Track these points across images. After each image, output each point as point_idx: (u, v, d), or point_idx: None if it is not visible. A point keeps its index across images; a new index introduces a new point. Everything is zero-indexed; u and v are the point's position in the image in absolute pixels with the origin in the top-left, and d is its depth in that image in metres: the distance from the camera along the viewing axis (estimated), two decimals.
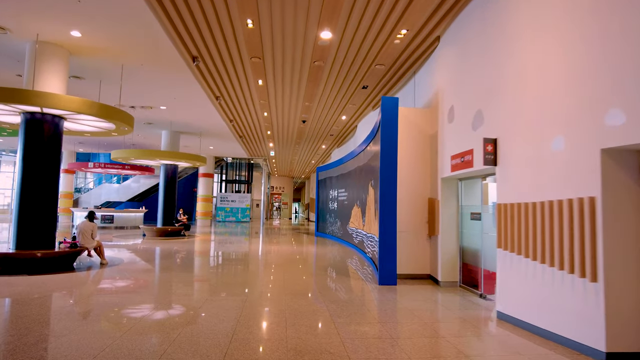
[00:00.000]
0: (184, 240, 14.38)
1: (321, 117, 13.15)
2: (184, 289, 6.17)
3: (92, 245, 8.08)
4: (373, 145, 9.58)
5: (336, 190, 15.87)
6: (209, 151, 21.86)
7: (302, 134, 16.36)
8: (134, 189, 25.11)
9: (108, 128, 8.86)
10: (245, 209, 29.49)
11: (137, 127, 15.56)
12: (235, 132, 16.27)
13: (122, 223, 19.98)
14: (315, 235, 18.21)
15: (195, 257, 10.33)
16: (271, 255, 10.79)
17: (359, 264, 9.33)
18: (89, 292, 5.93)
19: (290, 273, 7.87)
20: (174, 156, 14.66)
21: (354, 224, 12.53)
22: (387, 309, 5.35)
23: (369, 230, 9.87)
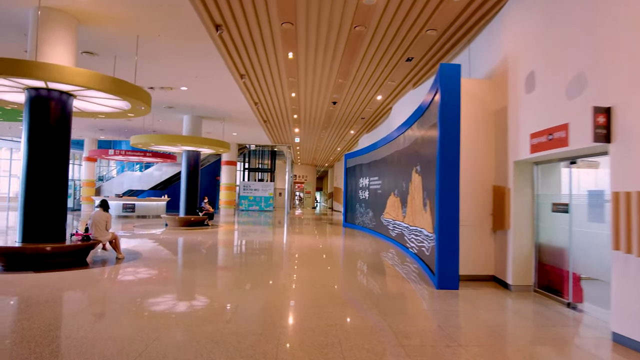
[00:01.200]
0: (207, 230, 13.57)
1: (354, 98, 11.97)
2: (209, 291, 5.22)
3: (106, 237, 7.24)
4: (419, 126, 8.40)
5: (367, 179, 14.74)
6: (232, 138, 21.01)
7: (330, 118, 15.22)
8: (156, 177, 24.59)
9: (123, 108, 7.95)
10: (269, 197, 28.72)
11: (157, 112, 14.74)
12: (260, 116, 15.27)
13: (144, 212, 19.42)
14: (344, 226, 17.18)
15: (220, 252, 9.43)
16: (302, 249, 9.81)
17: (401, 261, 8.24)
18: (106, 293, 5.04)
19: (329, 273, 6.85)
20: (196, 141, 13.79)
21: (391, 215, 11.42)
22: (461, 324, 4.25)
23: (413, 223, 8.74)
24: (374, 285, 5.93)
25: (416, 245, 8.29)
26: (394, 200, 11.04)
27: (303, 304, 4.78)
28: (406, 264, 7.85)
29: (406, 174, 9.61)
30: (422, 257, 7.56)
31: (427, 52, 8.42)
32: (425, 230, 7.36)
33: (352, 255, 9.15)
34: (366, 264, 7.96)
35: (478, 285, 6.06)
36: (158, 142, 13.51)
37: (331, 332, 3.75)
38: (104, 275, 6.05)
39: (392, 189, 11.33)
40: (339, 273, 6.87)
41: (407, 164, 9.59)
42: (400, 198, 10.33)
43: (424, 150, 7.82)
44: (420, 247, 7.80)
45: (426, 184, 7.49)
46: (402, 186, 10.17)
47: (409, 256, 8.81)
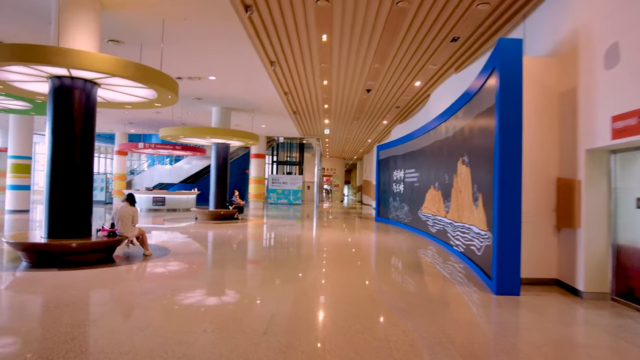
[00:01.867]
0: (237, 224, 13.23)
1: (390, 84, 11.24)
2: (240, 294, 4.73)
3: (133, 233, 6.90)
4: (466, 113, 7.64)
5: (402, 171, 14.01)
6: (260, 130, 20.64)
7: (363, 107, 14.52)
8: (186, 171, 24.58)
9: (149, 97, 7.57)
10: (297, 191, 28.35)
11: (186, 104, 14.47)
12: (290, 107, 14.75)
13: (174, 205, 19.37)
14: (376, 220, 16.52)
15: (252, 249, 9.00)
16: (335, 246, 9.25)
17: (444, 260, 7.54)
18: (131, 295, 4.64)
19: (367, 273, 6.26)
20: (226, 133, 13.42)
21: (430, 210, 10.69)
22: (539, 342, 3.57)
23: (458, 219, 8.01)
24: (421, 290, 5.30)
25: (463, 244, 7.58)
26: (434, 194, 10.30)
27: (345, 310, 4.22)
28: (451, 264, 7.16)
29: (449, 165, 8.87)
30: (471, 257, 6.85)
31: (475, 30, 7.61)
32: (476, 228, 6.64)
33: (389, 253, 8.53)
34: (406, 263, 7.32)
35: (540, 291, 5.33)
36: (187, 134, 13.23)
37: (384, 351, 3.17)
38: (130, 274, 5.68)
39: (432, 182, 10.59)
40: (378, 274, 6.27)
41: (450, 155, 8.84)
42: (442, 192, 9.59)
43: (473, 139, 7.08)
44: (469, 245, 7.09)
45: (477, 177, 6.76)
46: (444, 179, 9.43)
47: (454, 255, 8.10)
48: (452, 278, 6.05)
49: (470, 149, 7.26)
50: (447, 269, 6.76)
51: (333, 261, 7.22)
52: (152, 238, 9.57)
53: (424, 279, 6.00)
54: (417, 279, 5.98)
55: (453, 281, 5.85)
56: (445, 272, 6.50)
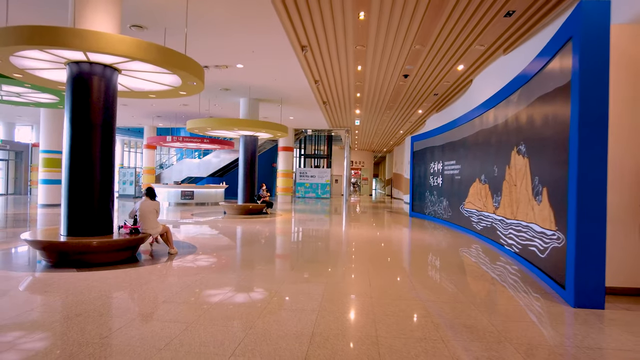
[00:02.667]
0: (266, 219, 12.73)
1: (430, 68, 10.37)
2: (276, 308, 4.13)
3: (157, 230, 6.43)
4: (523, 97, 6.76)
5: (440, 163, 13.11)
6: (288, 123, 20.08)
7: (398, 95, 13.67)
8: (215, 164, 24.39)
9: (173, 84, 7.06)
10: (325, 184, 27.76)
11: (213, 96, 14.04)
12: (320, 97, 14.08)
13: (202, 199, 19.14)
14: (410, 215, 15.69)
15: (284, 247, 8.42)
16: (372, 245, 8.56)
17: (495, 261, 6.71)
18: (157, 300, 4.12)
19: (413, 278, 5.54)
20: (254, 125, 12.90)
21: (475, 205, 9.81)
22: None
23: (512, 216, 7.15)
24: (479, 299, 4.54)
25: (518, 244, 6.73)
26: (480, 188, 9.42)
27: (398, 328, 3.53)
28: (503, 266, 6.34)
29: (500, 156, 7.98)
30: (531, 259, 6.01)
31: (534, 1, 6.68)
32: (537, 226, 5.79)
33: (431, 253, 7.76)
34: (453, 265, 6.55)
35: (629, 303, 4.47)
36: (214, 126, 12.79)
37: None
38: (152, 276, 5.18)
39: (477, 175, 9.70)
40: (425, 279, 5.54)
41: (501, 145, 7.95)
42: (490, 185, 8.71)
43: (532, 126, 6.21)
44: (527, 246, 6.25)
45: (538, 168, 5.90)
46: (492, 171, 8.54)
47: (505, 255, 7.26)
48: (511, 284, 5.25)
49: (529, 136, 6.39)
50: (501, 272, 5.95)
51: (372, 264, 6.53)
52: (180, 233, 9.16)
53: (479, 285, 5.23)
54: (471, 285, 5.21)
55: (514, 288, 5.05)
56: (499, 276, 5.69)
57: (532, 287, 5.09)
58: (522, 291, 4.93)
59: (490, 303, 4.42)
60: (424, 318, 3.80)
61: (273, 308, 3.96)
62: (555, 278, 4.97)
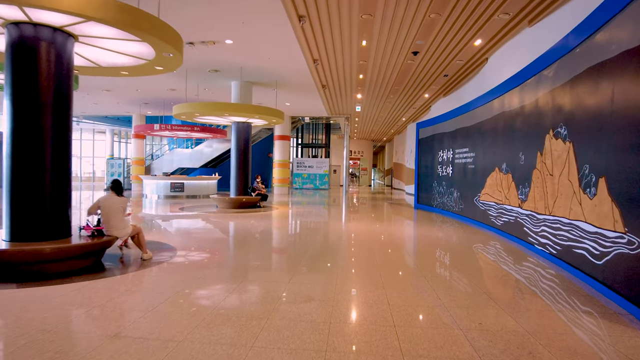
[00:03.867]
0: (261, 213, 11.66)
1: (443, 43, 9.20)
2: (279, 337, 3.07)
3: (125, 232, 5.33)
4: (563, 70, 5.68)
5: (450, 151, 12.04)
6: (285, 109, 18.89)
7: (404, 76, 12.50)
8: (207, 154, 23.20)
9: (145, 55, 5.90)
10: (324, 175, 26.71)
11: (202, 78, 12.85)
12: (318, 79, 12.91)
13: (193, 192, 18.04)
14: (416, 208, 14.67)
15: (282, 247, 7.36)
16: (384, 243, 7.51)
17: (521, 262, 5.67)
18: (122, 327, 3.05)
19: (447, 289, 4.48)
20: (246, 110, 11.73)
21: (493, 197, 8.77)
22: None
23: (547, 210, 6.10)
24: (537, 326, 3.49)
25: (556, 244, 5.69)
26: (500, 178, 8.36)
27: (422, 352, 2.49)
28: (533, 269, 5.29)
29: (529, 141, 6.91)
30: (579, 265, 4.97)
31: None
32: (589, 225, 4.74)
33: (449, 254, 6.71)
34: (480, 270, 5.51)
35: None
36: (202, 111, 11.62)
37: None
38: (117, 293, 4.09)
39: (496, 163, 8.64)
40: (452, 291, 4.49)
41: (530, 128, 6.88)
42: (514, 175, 7.65)
43: (579, 103, 5.13)
44: (571, 248, 5.20)
45: (587, 154, 4.83)
46: (516, 159, 7.48)
47: (537, 256, 6.23)
48: (555, 296, 4.21)
49: (572, 117, 5.32)
50: (535, 278, 4.90)
51: (386, 271, 5.48)
52: (162, 231, 8.07)
53: (523, 300, 4.18)
54: (513, 301, 4.16)
55: (561, 303, 4.00)
56: (535, 283, 4.65)
57: (590, 304, 4.03)
58: (577, 309, 3.87)
59: (551, 331, 3.36)
60: (456, 345, 2.75)
61: (260, 348, 2.89)
62: (623, 292, 3.93)
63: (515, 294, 4.33)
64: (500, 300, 4.08)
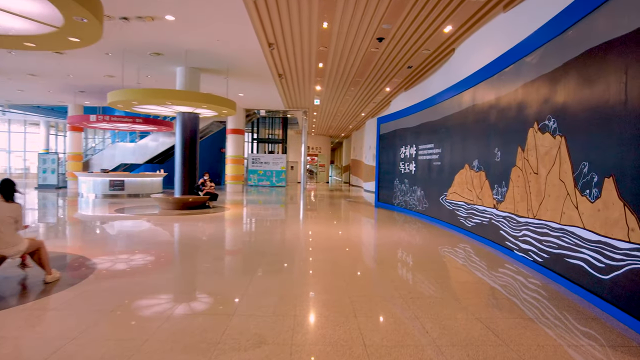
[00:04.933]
0: (210, 214, 10.45)
1: (411, 28, 8.44)
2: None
3: (15, 249, 4.06)
4: (551, 55, 5.04)
5: (413, 147, 11.42)
6: (238, 100, 17.60)
7: (367, 66, 11.69)
8: (153, 149, 21.36)
9: (50, 20, 4.61)
10: (281, 171, 25.65)
11: (143, 63, 11.38)
12: (274, 67, 11.84)
13: (136, 190, 16.37)
14: (376, 206, 14.01)
15: (229, 261, 6.27)
16: (348, 251, 6.63)
17: (496, 268, 5.01)
18: None
19: (429, 311, 3.65)
20: (191, 98, 10.44)
21: (463, 197, 8.16)
22: None
23: (531, 213, 5.47)
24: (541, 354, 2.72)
25: (540, 250, 5.05)
26: (472, 176, 7.75)
27: None
28: (513, 277, 4.63)
29: (507, 136, 6.28)
30: (572, 276, 4.33)
31: None
32: (589, 232, 4.09)
33: (422, 262, 5.95)
34: (460, 284, 4.76)
35: None
36: (141, 99, 10.21)
37: None
38: (7, 335, 2.90)
39: (466, 160, 8.02)
40: (434, 314, 3.67)
41: (509, 122, 6.25)
42: (488, 173, 7.03)
43: (574, 91, 4.48)
44: (563, 257, 4.56)
45: (586, 150, 4.19)
46: (491, 156, 6.86)
47: (516, 263, 5.60)
48: (567, 330, 3.50)
49: (564, 107, 4.67)
50: (520, 290, 4.21)
51: (355, 290, 4.59)
52: (86, 239, 6.71)
53: (516, 324, 3.42)
54: (502, 323, 3.40)
55: (568, 327, 3.29)
56: (523, 300, 3.95)
57: (593, 323, 3.34)
58: (587, 334, 3.16)
59: None
60: None
61: None
62: (635, 313, 3.27)
63: (515, 321, 3.57)
64: (501, 331, 3.28)
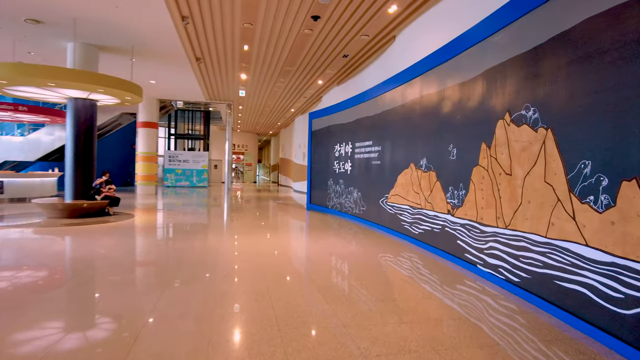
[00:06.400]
0: (110, 224, 8.46)
1: (349, 9, 7.33)
2: None
3: None
4: (534, 23, 4.15)
5: (350, 145, 10.41)
6: (149, 88, 15.36)
7: (299, 52, 10.39)
8: (47, 145, 18.16)
9: None
10: (202, 170, 23.55)
11: (20, 33, 8.97)
12: (190, 48, 10.09)
13: (20, 193, 13.48)
14: (308, 209, 12.85)
15: (130, 296, 4.56)
16: (284, 268, 5.27)
17: (455, 285, 4.07)
18: None
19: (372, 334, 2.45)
20: (81, 78, 8.32)
21: (407, 200, 7.23)
22: None
23: (501, 222, 4.58)
24: None
25: (516, 267, 4.15)
26: (419, 177, 6.82)
27: None
28: (475, 296, 3.69)
29: (466, 130, 5.38)
30: (567, 304, 3.44)
31: None
32: (593, 250, 3.20)
33: (371, 280, 4.80)
34: (420, 314, 3.68)
35: None
36: (11, 76, 7.91)
37: None
38: None
39: (411, 159, 7.10)
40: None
41: (469, 113, 5.35)
42: (440, 173, 6.12)
43: (570, 75, 3.59)
44: (550, 278, 3.66)
45: (587, 146, 3.30)
46: (445, 154, 5.95)
47: (477, 278, 4.69)
48: (544, 354, 2.52)
49: (552, 94, 3.78)
50: (487, 314, 3.24)
51: (285, 330, 3.28)
52: None
53: None
54: None
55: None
56: (492, 327, 2.96)
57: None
58: None
59: None
60: None
61: None
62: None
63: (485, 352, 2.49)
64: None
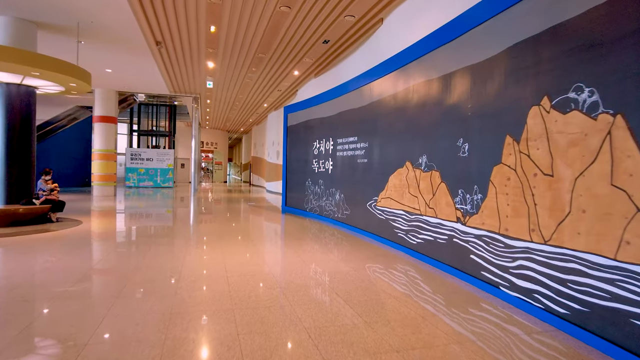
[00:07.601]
0: (52, 233, 7.05)
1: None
2: None
3: None
4: None
5: (330, 142, 9.39)
6: (106, 79, 13.79)
7: (274, 36, 9.22)
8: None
9: None
10: (167, 170, 21.99)
11: None
12: (149, 28, 8.76)
13: None
14: (283, 212, 11.75)
15: (71, 330, 3.28)
16: (269, 283, 4.13)
17: (474, 309, 3.12)
18: None
19: None
20: (12, 57, 6.89)
21: (401, 204, 6.25)
22: None
23: (537, 236, 3.64)
24: None
25: (561, 296, 3.21)
26: (417, 177, 5.84)
27: None
28: (499, 326, 2.76)
29: (482, 121, 4.42)
30: (629, 344, 2.51)
31: None
32: None
33: (369, 303, 3.75)
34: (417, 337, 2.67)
35: None
36: None
37: None
38: None
39: (407, 157, 6.13)
40: None
41: (488, 101, 4.39)
42: (444, 173, 5.16)
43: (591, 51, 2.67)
44: (625, 317, 2.74)
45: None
46: (453, 149, 4.99)
47: (500, 303, 3.74)
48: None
49: (615, 68, 2.86)
50: (520, 352, 2.29)
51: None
52: None
53: None
54: None
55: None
56: None
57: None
58: None
59: None
60: None
61: None
62: None
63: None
64: None
